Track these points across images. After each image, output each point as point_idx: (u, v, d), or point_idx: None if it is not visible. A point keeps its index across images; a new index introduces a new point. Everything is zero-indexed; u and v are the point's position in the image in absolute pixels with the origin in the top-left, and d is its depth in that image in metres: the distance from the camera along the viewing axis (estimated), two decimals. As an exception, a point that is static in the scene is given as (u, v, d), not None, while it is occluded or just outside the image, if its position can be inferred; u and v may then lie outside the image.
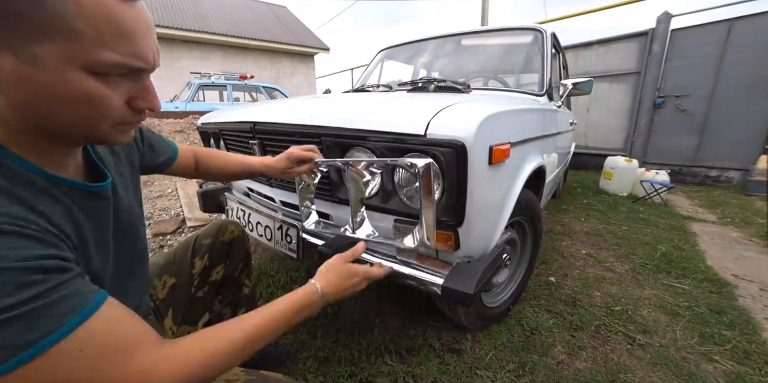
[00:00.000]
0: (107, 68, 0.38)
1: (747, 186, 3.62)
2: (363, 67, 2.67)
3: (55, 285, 0.35)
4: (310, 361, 1.12)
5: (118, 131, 0.44)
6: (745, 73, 3.71)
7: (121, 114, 0.42)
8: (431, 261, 0.95)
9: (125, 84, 0.41)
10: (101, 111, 0.40)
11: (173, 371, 0.40)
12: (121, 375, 0.37)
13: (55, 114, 0.38)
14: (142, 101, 0.43)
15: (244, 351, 0.48)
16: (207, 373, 0.43)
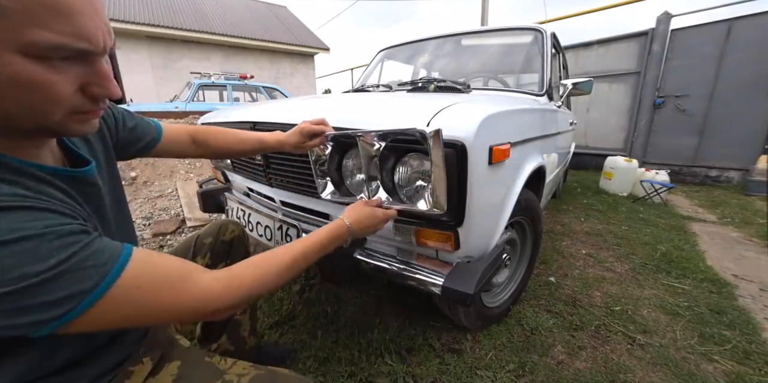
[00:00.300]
0: (46, 50, 0.34)
1: (747, 186, 3.62)
2: (363, 67, 2.67)
3: (87, 243, 0.38)
4: (310, 361, 1.12)
5: (75, 122, 0.41)
6: (745, 73, 3.71)
7: (75, 102, 0.39)
8: (431, 261, 0.95)
9: (74, 69, 0.37)
10: (48, 99, 0.36)
11: (230, 286, 0.46)
12: (183, 297, 0.42)
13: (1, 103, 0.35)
14: (97, 88, 0.40)
15: (290, 272, 0.55)
16: (259, 288, 0.49)
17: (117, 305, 0.38)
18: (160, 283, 0.41)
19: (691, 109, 4.11)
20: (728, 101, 3.85)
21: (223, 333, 0.92)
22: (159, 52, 9.38)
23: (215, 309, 0.45)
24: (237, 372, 0.57)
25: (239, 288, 0.47)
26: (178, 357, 0.58)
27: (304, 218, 1.20)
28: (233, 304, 0.46)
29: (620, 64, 4.59)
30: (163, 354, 0.58)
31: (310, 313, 1.39)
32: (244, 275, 0.49)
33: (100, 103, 0.42)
